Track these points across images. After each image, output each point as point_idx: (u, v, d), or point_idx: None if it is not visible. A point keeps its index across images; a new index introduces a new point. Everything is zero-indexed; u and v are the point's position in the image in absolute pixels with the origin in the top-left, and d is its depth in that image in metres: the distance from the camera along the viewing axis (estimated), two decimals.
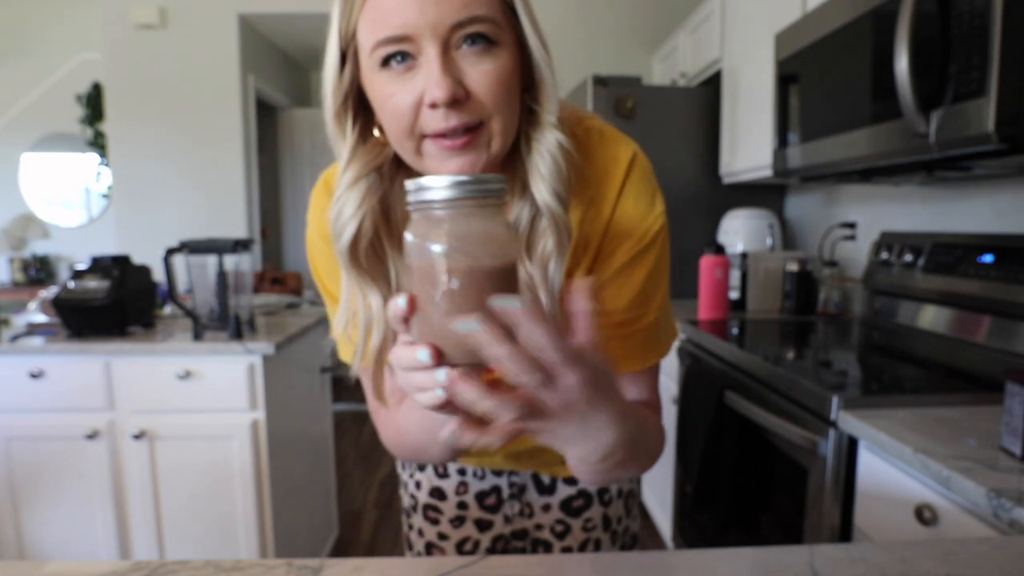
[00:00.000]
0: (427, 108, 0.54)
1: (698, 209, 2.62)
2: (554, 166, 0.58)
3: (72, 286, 1.70)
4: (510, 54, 0.56)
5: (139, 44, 3.45)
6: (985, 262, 1.45)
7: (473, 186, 0.44)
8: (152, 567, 0.55)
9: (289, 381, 1.86)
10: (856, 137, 1.40)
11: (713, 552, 0.57)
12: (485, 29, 0.53)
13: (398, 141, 0.58)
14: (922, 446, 0.88)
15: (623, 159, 0.65)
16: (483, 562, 0.55)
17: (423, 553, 0.91)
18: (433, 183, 0.44)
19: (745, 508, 1.45)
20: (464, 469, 0.88)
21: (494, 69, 0.54)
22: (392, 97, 0.55)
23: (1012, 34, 1.00)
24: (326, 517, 2.28)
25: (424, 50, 0.52)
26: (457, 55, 0.53)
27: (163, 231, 3.45)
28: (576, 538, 0.87)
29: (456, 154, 0.55)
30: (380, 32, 0.52)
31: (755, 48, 2.15)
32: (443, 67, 0.52)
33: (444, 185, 0.44)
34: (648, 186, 0.66)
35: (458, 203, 0.44)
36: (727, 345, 1.60)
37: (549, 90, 0.58)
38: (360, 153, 0.61)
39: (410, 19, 0.51)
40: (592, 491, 0.86)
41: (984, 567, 0.53)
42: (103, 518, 1.73)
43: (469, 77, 0.54)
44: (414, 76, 0.54)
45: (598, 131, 0.66)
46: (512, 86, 0.56)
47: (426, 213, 0.45)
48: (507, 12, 0.55)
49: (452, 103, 0.53)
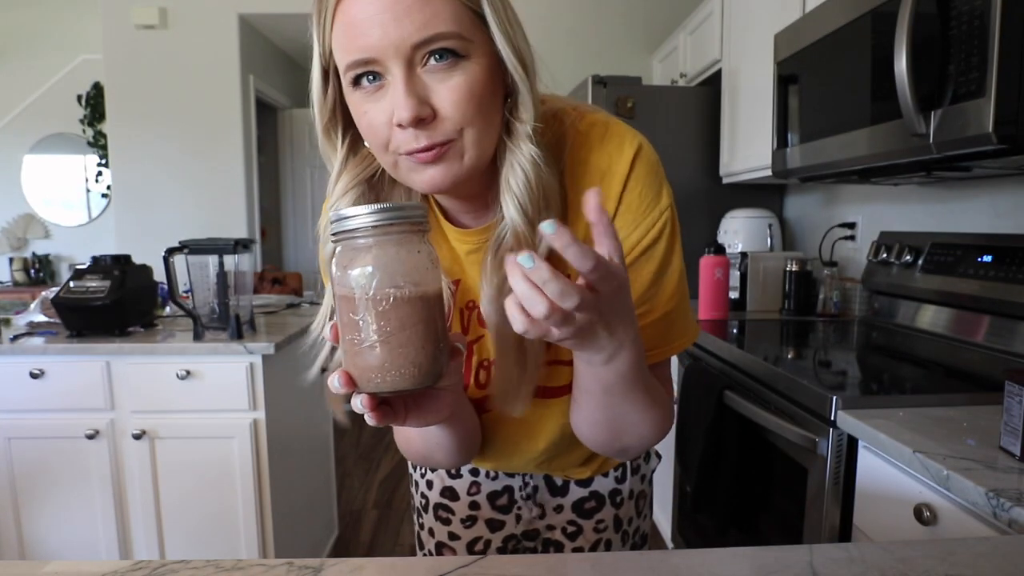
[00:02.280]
0: (396, 128, 0.54)
1: (698, 209, 2.62)
2: (524, 181, 0.58)
3: (73, 286, 1.70)
4: (482, 65, 0.55)
5: (139, 44, 3.46)
6: (984, 262, 1.46)
7: (391, 213, 0.44)
8: (152, 567, 0.55)
9: (289, 381, 1.86)
10: (855, 137, 1.40)
11: (713, 552, 0.57)
12: (449, 45, 0.53)
13: (378, 156, 0.59)
14: (921, 446, 0.88)
15: (626, 157, 0.63)
16: (482, 562, 0.55)
17: (433, 553, 0.91)
18: (354, 212, 0.45)
19: (745, 508, 1.45)
20: (477, 470, 0.87)
21: (462, 83, 0.53)
22: (366, 115, 0.55)
23: (1011, 34, 1.00)
24: (326, 517, 2.28)
25: (390, 70, 0.53)
26: (423, 72, 0.53)
27: (163, 231, 3.45)
28: (587, 539, 0.87)
29: (429, 166, 0.56)
30: (348, 55, 0.53)
31: (755, 48, 2.15)
32: (407, 88, 0.52)
33: (364, 213, 0.44)
34: (654, 180, 0.64)
35: (377, 231, 0.44)
36: (727, 345, 1.60)
37: (524, 100, 0.57)
38: (351, 164, 0.62)
39: (372, 41, 0.51)
40: (604, 492, 0.86)
41: (983, 567, 0.54)
42: (104, 518, 1.73)
43: (436, 95, 0.53)
44: (384, 95, 0.54)
45: (603, 125, 0.65)
46: (484, 97, 0.55)
47: (349, 242, 0.45)
48: (476, 21, 0.54)
49: (418, 123, 0.53)
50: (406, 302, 0.44)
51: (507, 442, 0.77)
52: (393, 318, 0.44)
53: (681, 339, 0.68)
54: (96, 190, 4.51)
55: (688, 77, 2.86)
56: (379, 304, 0.44)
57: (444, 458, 0.70)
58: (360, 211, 0.44)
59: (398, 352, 0.45)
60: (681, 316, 0.68)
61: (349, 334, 0.46)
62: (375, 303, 0.44)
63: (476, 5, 0.54)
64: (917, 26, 1.14)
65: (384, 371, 0.45)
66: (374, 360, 0.45)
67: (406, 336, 0.45)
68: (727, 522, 1.51)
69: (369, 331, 0.45)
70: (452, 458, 0.70)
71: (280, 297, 2.46)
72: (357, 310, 0.45)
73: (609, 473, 0.87)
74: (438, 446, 0.67)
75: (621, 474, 0.87)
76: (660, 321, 0.66)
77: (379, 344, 0.45)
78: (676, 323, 0.67)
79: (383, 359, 0.45)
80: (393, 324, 0.44)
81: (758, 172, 2.18)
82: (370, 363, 0.45)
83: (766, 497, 1.37)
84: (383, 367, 0.45)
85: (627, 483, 0.88)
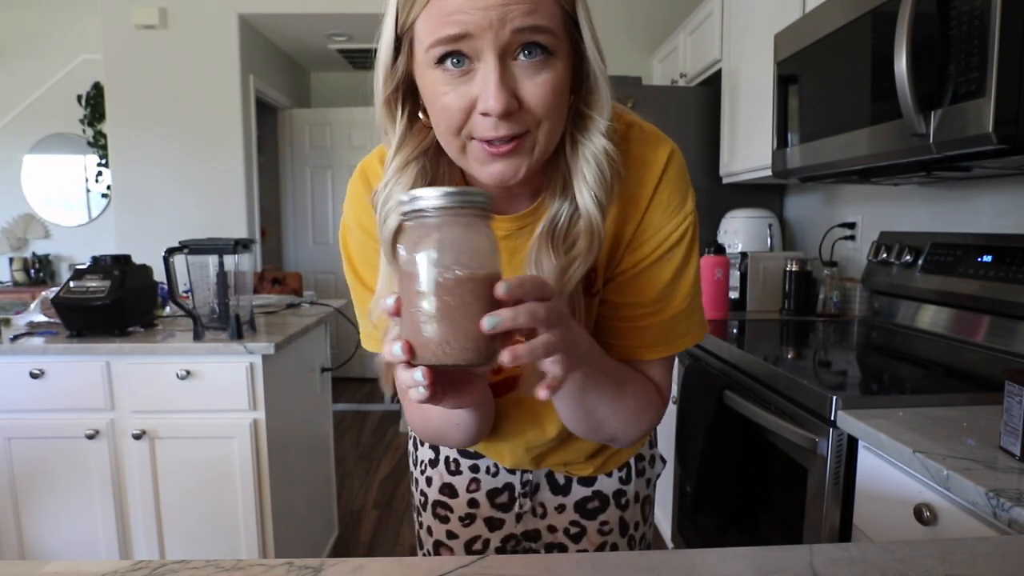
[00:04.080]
0: (479, 114, 0.54)
1: (698, 209, 2.62)
2: (598, 173, 0.59)
3: (73, 286, 1.70)
4: (565, 64, 0.56)
5: (139, 44, 3.46)
6: (984, 262, 1.46)
7: (461, 197, 0.47)
8: (153, 567, 0.55)
9: (289, 381, 1.86)
10: (855, 137, 1.40)
11: (713, 552, 0.57)
12: (545, 40, 0.53)
13: (444, 137, 0.58)
14: (921, 446, 0.88)
15: (660, 159, 0.66)
16: (482, 562, 0.55)
17: (432, 552, 0.90)
18: (425, 194, 0.47)
19: (745, 508, 1.45)
20: (476, 466, 0.87)
21: (549, 80, 0.54)
22: (444, 96, 0.55)
23: (1011, 34, 1.00)
24: (326, 517, 2.28)
25: (482, 55, 0.52)
26: (514, 65, 0.53)
27: (163, 231, 3.45)
28: (592, 541, 0.86)
29: (500, 159, 0.56)
30: (440, 30, 0.52)
31: (755, 48, 2.15)
32: (500, 78, 0.52)
33: (435, 195, 0.47)
34: (682, 184, 0.67)
35: (447, 212, 0.47)
36: (727, 345, 1.60)
37: (603, 99, 0.59)
38: (409, 138, 0.61)
39: (473, 18, 0.51)
40: (608, 492, 0.86)
41: (983, 566, 0.54)
42: (104, 518, 1.73)
43: (523, 88, 0.54)
44: (469, 80, 0.54)
45: (639, 127, 0.67)
46: (563, 95, 0.57)
47: (418, 222, 0.48)
48: (567, 21, 0.55)
49: (505, 114, 0.53)
50: (469, 281, 0.47)
51: (515, 428, 0.78)
52: (456, 296, 0.47)
53: (686, 337, 0.70)
54: (96, 190, 4.51)
55: (688, 77, 2.86)
56: (444, 281, 0.47)
57: (459, 436, 0.71)
58: (431, 192, 0.47)
59: (459, 327, 0.47)
60: (689, 316, 0.69)
61: (413, 307, 0.48)
62: (441, 281, 0.47)
63: (571, 7, 0.55)
64: (917, 26, 1.14)
65: (444, 345, 0.47)
66: (435, 335, 0.47)
67: (467, 313, 0.47)
68: (727, 522, 1.51)
69: (432, 307, 0.47)
70: (467, 437, 0.71)
71: (280, 297, 2.46)
72: (422, 286, 0.47)
73: (613, 473, 0.86)
74: (456, 426, 0.68)
75: (626, 475, 0.86)
76: (670, 320, 0.67)
77: (441, 320, 0.47)
78: (682, 323, 0.69)
79: (444, 334, 0.47)
80: (456, 301, 0.47)
81: (758, 172, 2.18)
82: (431, 337, 0.47)
83: (766, 497, 1.37)
84: (443, 341, 0.47)
85: (632, 485, 0.87)
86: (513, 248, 0.66)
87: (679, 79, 2.93)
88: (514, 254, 0.66)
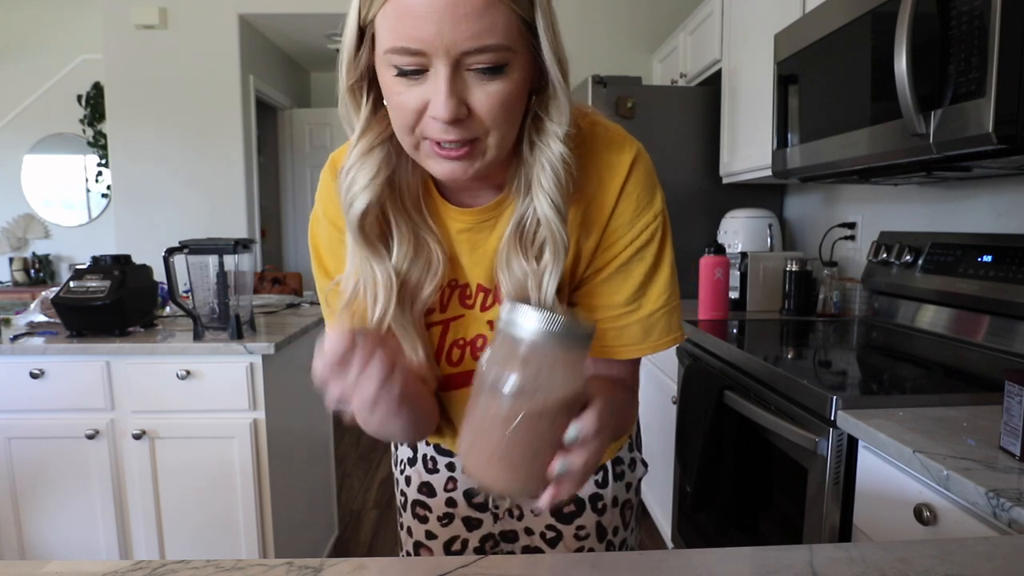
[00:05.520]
0: (430, 117, 0.55)
1: (698, 209, 2.62)
2: (555, 179, 0.60)
3: (73, 286, 1.70)
4: (521, 74, 0.56)
5: (139, 44, 3.45)
6: (984, 262, 1.46)
7: (565, 335, 0.45)
8: (153, 567, 0.55)
9: (289, 381, 1.86)
10: (855, 137, 1.40)
11: (713, 552, 0.57)
12: (496, 58, 0.53)
13: (399, 132, 0.59)
14: (921, 446, 0.88)
15: (625, 161, 0.66)
16: (483, 562, 0.55)
17: (412, 553, 0.90)
18: (526, 320, 0.45)
19: (745, 508, 1.45)
20: (453, 464, 0.87)
21: (499, 92, 0.55)
22: (399, 96, 0.56)
23: (1011, 34, 1.00)
24: (326, 517, 2.28)
25: (434, 64, 0.53)
26: (466, 74, 0.54)
27: (163, 231, 3.45)
28: (568, 546, 0.85)
29: (450, 161, 0.57)
30: (396, 40, 0.53)
31: (755, 48, 2.15)
32: (449, 87, 0.53)
33: (536, 325, 0.45)
34: (649, 184, 0.67)
35: (546, 348, 0.45)
36: (727, 345, 1.60)
37: (561, 106, 0.59)
38: (373, 124, 0.61)
39: (426, 36, 0.51)
40: (584, 496, 0.85)
41: (983, 566, 0.54)
42: (104, 517, 1.73)
43: (474, 96, 0.54)
44: (422, 81, 0.54)
45: (603, 127, 0.67)
46: (516, 103, 0.57)
47: (513, 340, 0.46)
48: (524, 30, 0.55)
49: (453, 121, 0.54)
50: (550, 415, 0.47)
51: None
52: (535, 432, 0.47)
53: (663, 339, 0.69)
54: (96, 190, 4.51)
55: (688, 77, 2.86)
56: (527, 417, 0.46)
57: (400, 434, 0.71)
58: (536, 320, 0.45)
59: (528, 466, 0.48)
60: (667, 316, 0.69)
61: (487, 423, 0.48)
62: (524, 416, 0.46)
63: (529, 16, 0.55)
64: (917, 26, 1.14)
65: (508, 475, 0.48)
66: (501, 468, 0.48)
67: (540, 450, 0.47)
68: (727, 522, 1.51)
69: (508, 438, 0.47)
70: (408, 434, 0.72)
71: (280, 297, 2.46)
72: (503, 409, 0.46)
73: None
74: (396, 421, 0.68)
75: (602, 478, 0.85)
76: (646, 319, 0.68)
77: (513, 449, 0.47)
78: (660, 323, 0.68)
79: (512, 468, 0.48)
80: (532, 436, 0.47)
81: (758, 172, 2.18)
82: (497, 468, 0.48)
83: (766, 497, 1.37)
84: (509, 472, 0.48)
85: (609, 488, 0.85)
86: (474, 241, 0.68)
87: (679, 79, 2.93)
88: (475, 247, 0.68)
